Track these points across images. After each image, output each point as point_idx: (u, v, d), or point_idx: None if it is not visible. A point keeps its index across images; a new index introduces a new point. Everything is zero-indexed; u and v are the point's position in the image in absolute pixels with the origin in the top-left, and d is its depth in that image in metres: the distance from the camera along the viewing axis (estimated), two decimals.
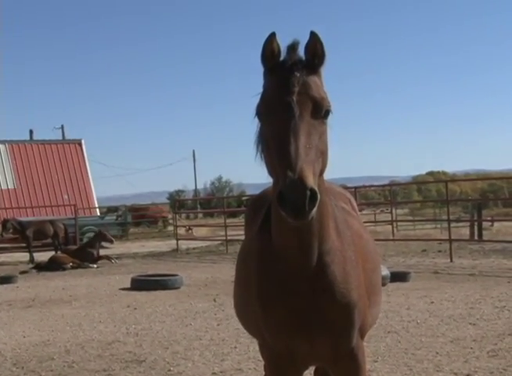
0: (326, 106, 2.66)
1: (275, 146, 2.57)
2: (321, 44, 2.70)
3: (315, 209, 2.44)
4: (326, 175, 2.86)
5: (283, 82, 2.64)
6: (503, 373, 6.19)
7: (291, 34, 2.75)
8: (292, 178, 2.38)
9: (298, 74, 2.64)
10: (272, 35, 2.70)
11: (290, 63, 2.68)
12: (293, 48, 2.73)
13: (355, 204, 4.04)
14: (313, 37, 2.69)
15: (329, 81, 2.83)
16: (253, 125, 2.83)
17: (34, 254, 21.33)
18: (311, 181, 2.41)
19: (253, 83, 2.82)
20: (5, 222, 22.00)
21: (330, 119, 2.73)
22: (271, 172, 2.68)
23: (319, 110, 2.63)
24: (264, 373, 3.30)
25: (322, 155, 2.64)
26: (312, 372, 4.48)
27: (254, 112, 2.75)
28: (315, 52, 2.71)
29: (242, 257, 3.50)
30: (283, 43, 2.74)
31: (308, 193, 2.38)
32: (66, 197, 34.50)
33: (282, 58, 2.74)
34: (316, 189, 2.42)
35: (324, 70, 2.79)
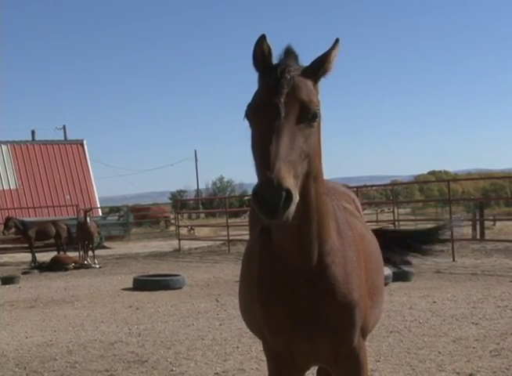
0: (314, 109, 2.65)
1: (258, 146, 2.57)
2: (336, 53, 2.76)
3: (290, 210, 2.41)
4: (328, 175, 2.85)
5: (272, 84, 2.64)
6: (506, 372, 6.19)
7: (296, 40, 2.77)
8: (268, 177, 2.37)
9: (288, 76, 2.64)
10: (262, 37, 2.70)
11: (282, 65, 2.68)
12: (286, 51, 2.74)
13: (358, 203, 4.04)
14: (335, 44, 2.76)
15: (335, 83, 2.83)
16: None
17: (36, 255, 21.35)
18: (287, 182, 2.39)
19: (253, 83, 2.81)
20: (7, 220, 22.03)
21: (331, 120, 2.72)
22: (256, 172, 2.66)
23: (307, 113, 2.62)
24: (267, 373, 3.29)
25: (309, 158, 2.61)
26: (315, 372, 4.49)
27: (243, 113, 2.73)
28: (330, 58, 2.75)
29: (245, 258, 3.51)
30: (282, 47, 2.75)
31: (284, 193, 2.36)
32: (68, 197, 34.56)
33: (276, 61, 2.74)
34: (293, 190, 2.39)
35: (322, 78, 2.79)
